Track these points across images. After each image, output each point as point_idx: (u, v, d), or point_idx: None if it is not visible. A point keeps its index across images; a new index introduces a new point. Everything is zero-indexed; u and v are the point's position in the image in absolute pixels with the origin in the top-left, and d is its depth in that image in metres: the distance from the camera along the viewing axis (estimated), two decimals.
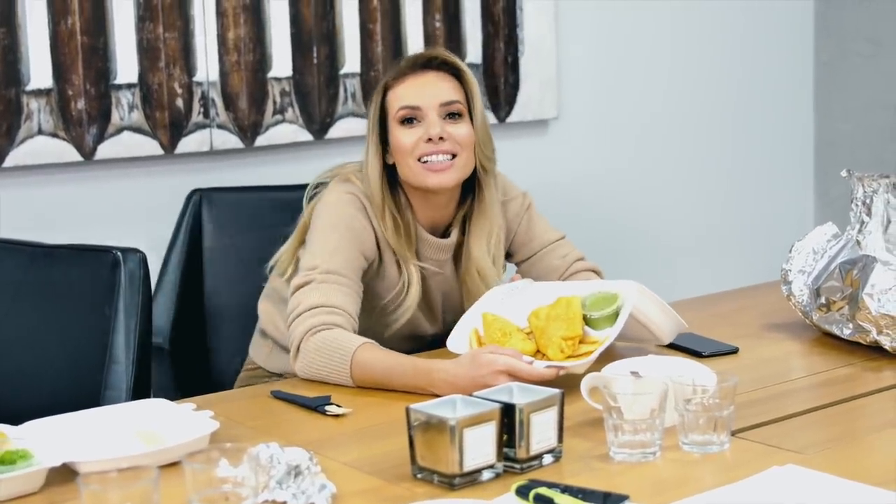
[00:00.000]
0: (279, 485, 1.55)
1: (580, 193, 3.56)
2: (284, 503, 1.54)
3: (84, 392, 2.14)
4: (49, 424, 1.79)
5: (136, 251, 2.22)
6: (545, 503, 1.50)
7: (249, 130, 3.01)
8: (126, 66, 2.84)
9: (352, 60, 3.14)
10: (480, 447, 1.61)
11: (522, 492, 1.53)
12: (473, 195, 2.37)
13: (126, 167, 2.91)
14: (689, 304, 2.27)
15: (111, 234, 2.71)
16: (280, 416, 1.99)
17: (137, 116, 2.86)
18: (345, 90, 3.14)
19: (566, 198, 3.42)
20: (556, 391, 1.71)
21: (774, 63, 3.96)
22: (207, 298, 2.78)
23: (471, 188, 2.37)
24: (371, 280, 2.31)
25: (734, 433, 1.76)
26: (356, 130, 3.15)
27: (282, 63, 3.04)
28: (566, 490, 1.51)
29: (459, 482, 1.60)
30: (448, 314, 2.40)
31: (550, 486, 1.52)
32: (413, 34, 3.22)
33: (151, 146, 2.89)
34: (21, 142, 2.75)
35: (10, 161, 2.74)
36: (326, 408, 1.96)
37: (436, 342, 2.36)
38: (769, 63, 3.94)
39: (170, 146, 2.91)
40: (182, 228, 2.81)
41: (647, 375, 1.77)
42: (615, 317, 2.06)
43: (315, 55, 3.09)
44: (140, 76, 2.86)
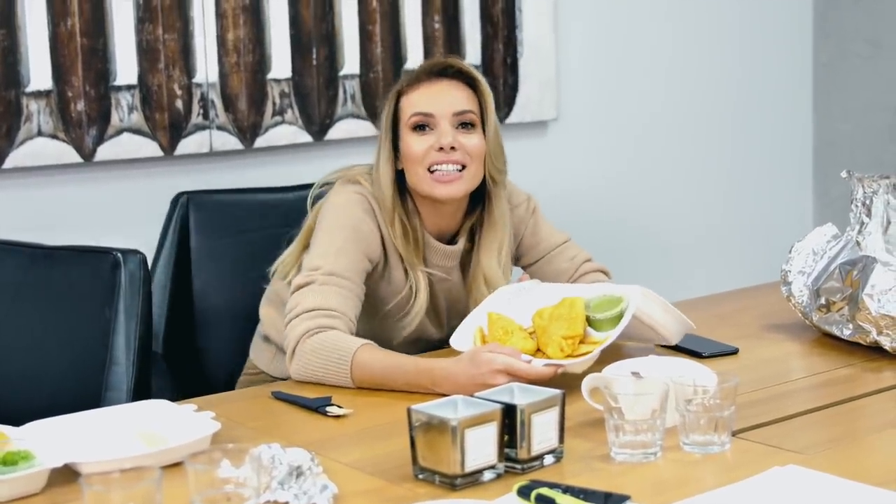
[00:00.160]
0: (281, 485, 1.55)
1: (579, 194, 3.56)
2: (286, 503, 1.54)
3: (85, 393, 2.14)
4: (50, 425, 1.79)
5: (137, 252, 2.22)
6: (547, 503, 1.50)
7: (249, 132, 3.01)
8: (126, 68, 2.84)
9: (351, 62, 3.14)
10: (482, 448, 1.61)
11: (524, 492, 1.53)
12: (483, 205, 2.36)
13: (126, 168, 2.91)
14: (689, 305, 2.27)
15: (111, 236, 2.70)
16: (281, 417, 1.99)
17: (137, 118, 2.87)
18: (344, 91, 3.14)
19: (565, 199, 3.42)
20: (558, 392, 1.71)
21: (773, 64, 3.96)
22: (197, 300, 2.76)
23: (479, 198, 2.35)
24: (376, 283, 2.30)
25: (735, 434, 1.77)
26: (355, 132, 3.16)
27: (281, 64, 3.04)
28: (567, 490, 1.52)
29: (461, 483, 1.60)
30: (454, 320, 2.37)
31: (552, 487, 1.52)
32: (412, 35, 3.22)
33: (151, 148, 2.89)
34: (21, 143, 2.75)
35: (10, 162, 2.74)
36: (327, 408, 1.96)
37: (442, 346, 2.36)
38: (768, 64, 3.95)
39: (169, 147, 2.91)
40: (169, 231, 2.78)
41: (648, 376, 1.78)
42: (618, 319, 2.06)
43: (314, 56, 3.09)
44: (139, 77, 2.86)
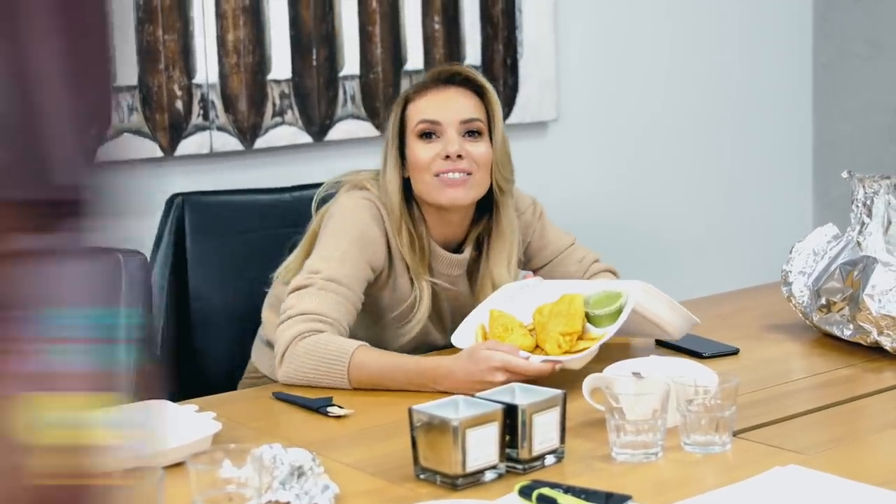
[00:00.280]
0: (282, 485, 1.55)
1: (579, 195, 3.56)
2: (288, 503, 1.54)
3: None
4: None
5: (138, 253, 2.21)
6: (548, 503, 1.50)
7: (249, 132, 3.01)
8: (125, 69, 2.84)
9: (351, 62, 3.14)
10: (483, 448, 1.61)
11: (525, 492, 1.53)
12: (490, 214, 2.34)
13: (126, 170, 2.90)
14: (690, 306, 2.26)
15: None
16: (282, 418, 1.99)
17: (137, 119, 2.86)
18: (344, 92, 3.14)
19: (565, 200, 3.42)
20: (559, 392, 1.71)
21: (773, 65, 3.96)
22: (193, 300, 2.74)
23: (486, 207, 2.33)
24: (380, 291, 2.29)
25: (736, 434, 1.77)
26: (356, 132, 3.15)
27: (281, 65, 3.04)
28: (569, 490, 1.52)
29: (462, 483, 1.60)
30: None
31: (553, 487, 1.52)
32: (412, 36, 3.22)
33: (151, 148, 2.89)
34: None
35: None
36: (328, 409, 1.96)
37: (447, 349, 2.34)
38: (768, 65, 3.95)
39: (169, 148, 2.91)
40: (165, 233, 2.75)
41: (649, 376, 1.78)
42: (618, 315, 2.06)
43: (314, 57, 3.09)
44: (139, 78, 2.86)
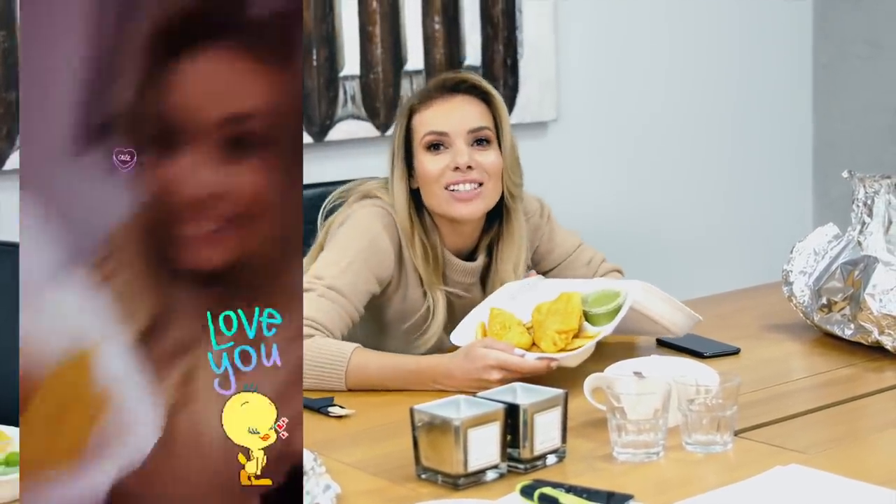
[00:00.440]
0: None
1: (579, 195, 3.56)
2: None
3: None
4: None
5: None
6: (550, 503, 1.50)
7: None
8: None
9: (351, 63, 3.14)
10: (484, 447, 1.61)
11: (527, 492, 1.53)
12: (500, 220, 2.32)
13: None
14: (690, 305, 2.26)
15: None
16: None
17: None
18: (344, 92, 3.14)
19: (565, 199, 3.41)
20: (560, 391, 1.71)
21: (773, 65, 3.96)
22: None
23: (497, 213, 2.31)
24: (389, 298, 2.27)
25: (737, 433, 1.76)
26: (356, 133, 3.16)
27: None
28: (570, 490, 1.52)
29: (464, 482, 1.60)
30: None
31: (555, 486, 1.52)
32: (412, 36, 3.22)
33: None
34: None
35: (11, 164, 2.74)
36: (329, 409, 1.95)
37: None
38: (768, 65, 3.95)
39: None
40: None
41: (650, 376, 1.78)
42: (615, 313, 2.06)
43: (315, 57, 3.09)
44: None
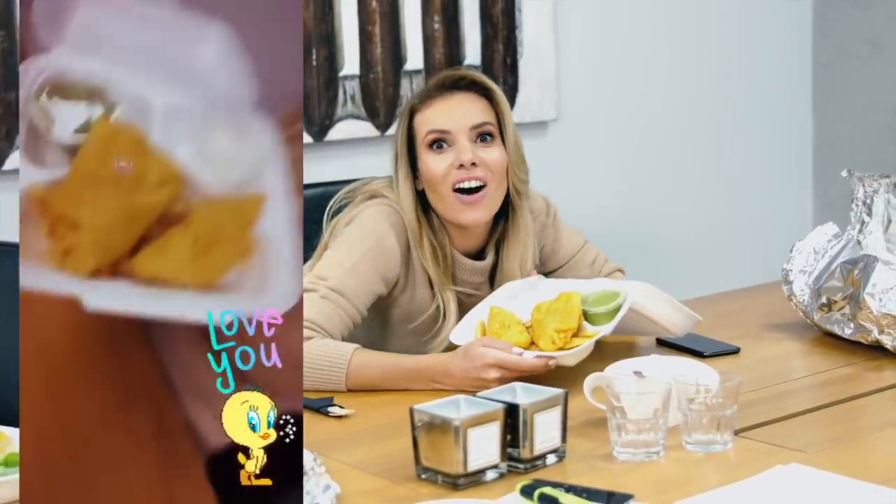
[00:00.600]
0: None
1: (579, 195, 3.56)
2: None
3: None
4: None
5: None
6: (550, 503, 1.50)
7: None
8: None
9: (351, 62, 3.14)
10: (484, 447, 1.61)
11: (527, 491, 1.53)
12: (506, 216, 2.31)
13: None
14: (690, 305, 2.26)
15: None
16: None
17: None
18: (344, 92, 3.14)
19: (565, 199, 3.40)
20: (560, 391, 1.71)
21: (773, 65, 3.96)
22: None
23: (503, 210, 2.29)
24: (395, 298, 2.26)
25: (737, 433, 1.77)
26: (356, 132, 3.16)
27: None
28: (570, 489, 1.52)
29: (463, 482, 1.60)
30: None
31: (555, 486, 1.52)
32: (412, 36, 3.22)
33: None
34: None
35: (10, 164, 2.74)
36: (329, 409, 1.96)
37: None
38: (768, 65, 3.95)
39: None
40: None
41: (650, 375, 1.78)
42: (615, 313, 2.06)
43: (314, 57, 3.09)
44: None
